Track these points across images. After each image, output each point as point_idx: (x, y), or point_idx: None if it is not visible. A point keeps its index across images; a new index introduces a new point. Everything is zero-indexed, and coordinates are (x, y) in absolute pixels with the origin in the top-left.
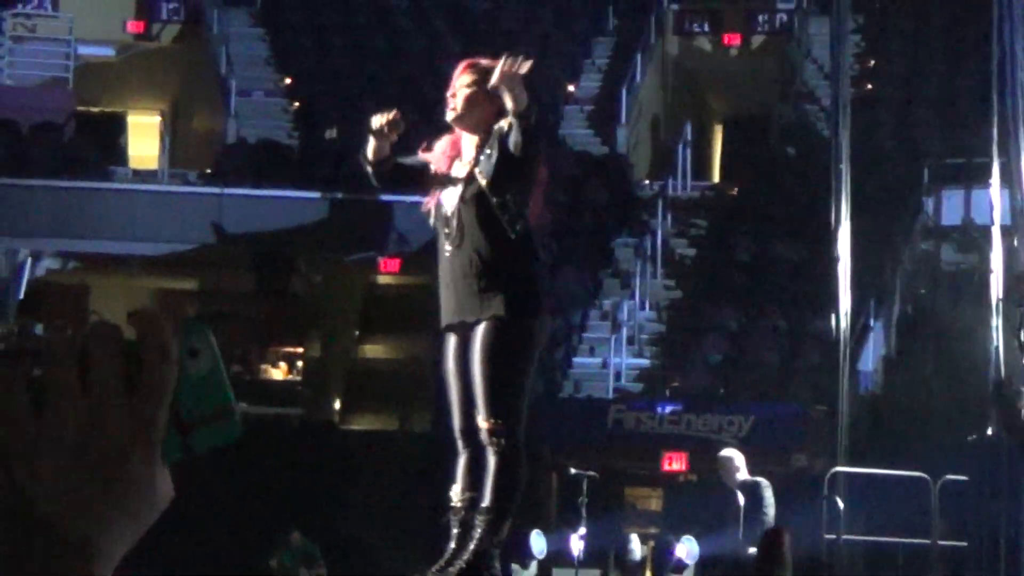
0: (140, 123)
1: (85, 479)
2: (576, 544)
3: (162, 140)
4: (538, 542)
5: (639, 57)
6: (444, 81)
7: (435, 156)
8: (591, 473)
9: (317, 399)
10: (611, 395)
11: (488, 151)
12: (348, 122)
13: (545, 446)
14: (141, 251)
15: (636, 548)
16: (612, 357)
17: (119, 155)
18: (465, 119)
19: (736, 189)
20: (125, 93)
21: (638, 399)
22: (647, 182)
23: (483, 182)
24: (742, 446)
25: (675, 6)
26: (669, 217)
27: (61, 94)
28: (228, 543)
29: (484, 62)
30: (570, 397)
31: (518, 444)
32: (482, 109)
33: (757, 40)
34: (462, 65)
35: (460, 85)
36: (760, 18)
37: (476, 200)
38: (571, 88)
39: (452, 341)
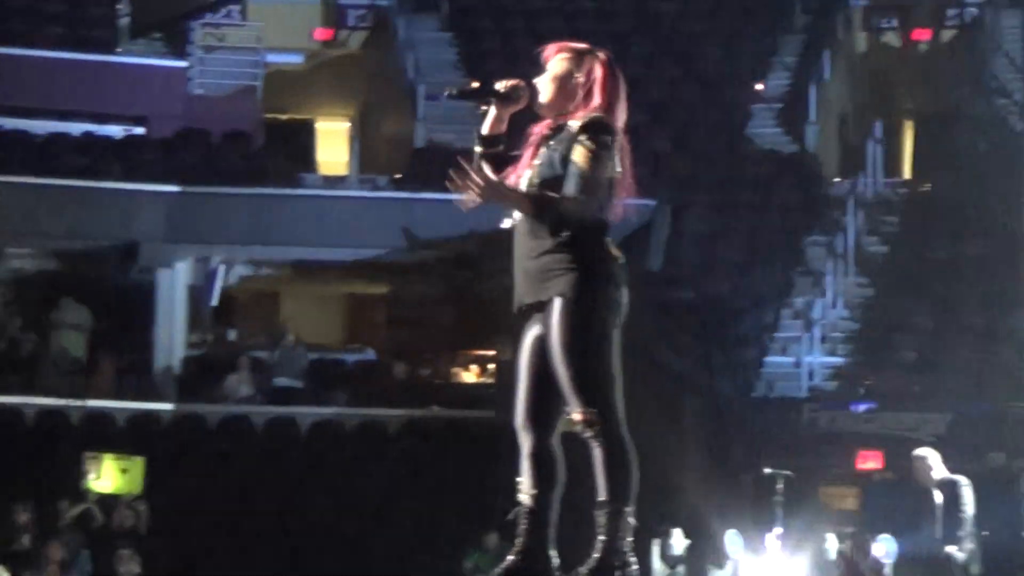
0: (329, 129)
1: None
2: (772, 544)
3: (351, 146)
4: (734, 542)
5: (827, 54)
6: (631, 84)
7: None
8: (786, 472)
9: (509, 401)
10: (805, 394)
11: (554, 151)
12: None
13: (737, 446)
14: (331, 257)
15: (832, 548)
16: (805, 356)
17: (308, 162)
18: (549, 106)
19: (928, 186)
20: (313, 100)
21: (832, 398)
22: (837, 179)
23: (536, 181)
24: (938, 445)
25: (863, 2)
26: (860, 215)
27: (250, 102)
28: (425, 544)
29: (579, 47)
30: (763, 397)
31: (617, 430)
32: (564, 98)
33: (947, 35)
34: (555, 47)
35: (553, 70)
36: (950, 12)
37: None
38: (759, 87)
39: (530, 333)
